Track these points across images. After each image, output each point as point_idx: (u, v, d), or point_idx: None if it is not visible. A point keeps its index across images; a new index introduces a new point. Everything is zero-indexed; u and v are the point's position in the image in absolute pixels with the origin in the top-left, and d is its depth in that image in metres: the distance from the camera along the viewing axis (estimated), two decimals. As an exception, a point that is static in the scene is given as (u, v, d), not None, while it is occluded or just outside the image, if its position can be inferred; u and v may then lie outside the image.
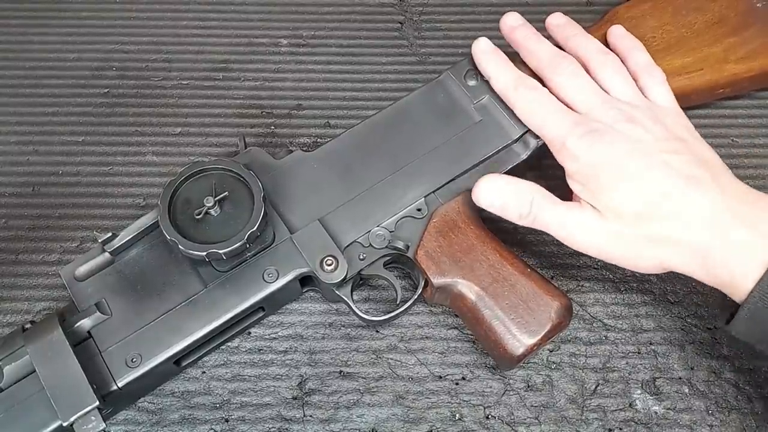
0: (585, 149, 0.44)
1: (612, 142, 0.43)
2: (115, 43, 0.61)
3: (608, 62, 0.47)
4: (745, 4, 0.53)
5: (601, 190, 0.43)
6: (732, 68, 0.52)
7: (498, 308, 0.44)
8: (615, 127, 0.44)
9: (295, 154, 0.49)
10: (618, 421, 0.47)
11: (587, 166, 0.44)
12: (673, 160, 0.43)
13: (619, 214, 0.43)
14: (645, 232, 0.42)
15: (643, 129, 0.44)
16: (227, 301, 0.44)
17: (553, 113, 0.46)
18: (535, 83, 0.47)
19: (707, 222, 0.41)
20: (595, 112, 0.45)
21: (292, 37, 0.61)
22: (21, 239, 0.53)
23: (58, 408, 0.40)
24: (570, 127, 0.45)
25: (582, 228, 0.44)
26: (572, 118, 0.45)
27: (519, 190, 0.45)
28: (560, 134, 0.45)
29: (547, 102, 0.46)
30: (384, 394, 0.48)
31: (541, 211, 0.45)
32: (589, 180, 0.44)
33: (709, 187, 0.42)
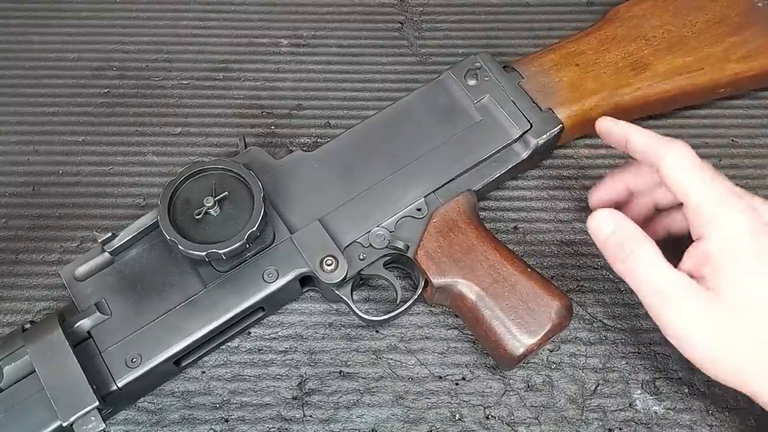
0: (740, 225, 0.39)
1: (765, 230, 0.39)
2: (115, 43, 0.61)
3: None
4: (746, 4, 0.53)
5: (735, 273, 0.38)
6: (733, 67, 0.52)
7: (498, 308, 0.44)
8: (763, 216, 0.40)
9: (295, 154, 0.49)
10: (618, 421, 0.47)
11: (733, 243, 0.39)
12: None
13: (744, 307, 0.38)
14: (750, 332, 0.38)
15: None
16: (227, 301, 0.44)
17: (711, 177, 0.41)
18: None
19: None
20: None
21: (292, 37, 0.61)
22: (21, 239, 0.53)
23: (58, 408, 0.40)
24: (730, 195, 0.40)
25: (679, 304, 0.39)
26: (735, 191, 0.41)
27: (629, 233, 0.41)
28: (716, 199, 0.40)
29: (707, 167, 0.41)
30: (384, 395, 0.48)
31: (640, 265, 0.40)
32: (727, 256, 0.39)
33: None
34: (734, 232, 0.39)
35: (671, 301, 0.39)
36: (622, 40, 0.52)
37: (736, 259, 0.39)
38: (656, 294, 0.40)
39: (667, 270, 0.40)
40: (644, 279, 0.40)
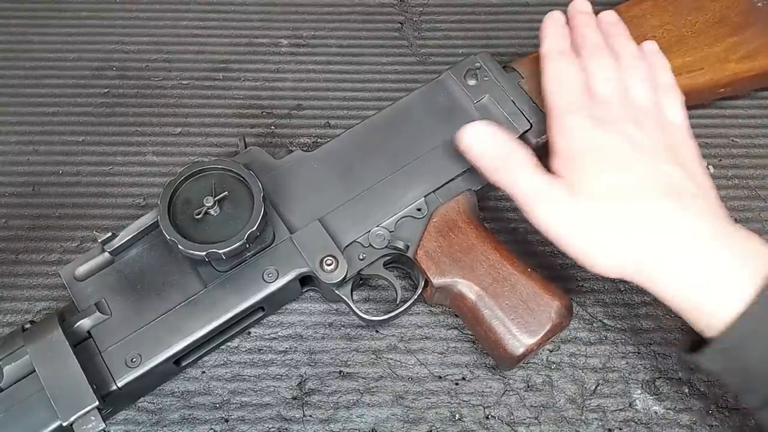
0: (582, 129, 0.44)
1: (610, 134, 0.43)
2: (115, 43, 0.61)
3: (640, 68, 0.47)
4: (746, 4, 0.53)
5: (583, 171, 0.42)
6: (733, 68, 0.52)
7: (498, 308, 0.44)
8: (620, 123, 0.44)
9: (295, 154, 0.49)
10: (618, 421, 0.47)
11: (577, 147, 0.43)
12: (667, 169, 0.42)
13: (595, 196, 0.41)
14: (615, 222, 0.41)
15: (646, 134, 0.44)
16: (227, 301, 0.44)
17: (571, 87, 0.46)
18: (576, 62, 0.47)
19: (685, 237, 0.40)
20: (609, 105, 0.45)
21: (292, 37, 0.61)
22: (21, 239, 0.53)
23: (58, 408, 0.40)
24: (578, 105, 0.45)
25: (548, 202, 0.42)
26: (585, 100, 0.45)
27: (502, 143, 0.45)
28: (565, 107, 0.45)
29: (574, 78, 0.46)
30: (384, 394, 0.48)
31: (515, 171, 0.44)
32: (574, 162, 0.43)
33: (699, 205, 0.41)
34: (577, 130, 0.44)
35: (539, 201, 0.43)
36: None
37: (580, 154, 0.43)
38: (527, 197, 0.43)
39: (535, 174, 0.43)
40: (517, 185, 0.44)
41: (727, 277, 0.39)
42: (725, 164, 0.56)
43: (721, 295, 0.39)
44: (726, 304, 0.38)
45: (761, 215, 0.53)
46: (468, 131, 0.46)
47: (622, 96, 0.46)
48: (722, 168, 0.55)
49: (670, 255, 0.40)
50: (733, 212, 0.53)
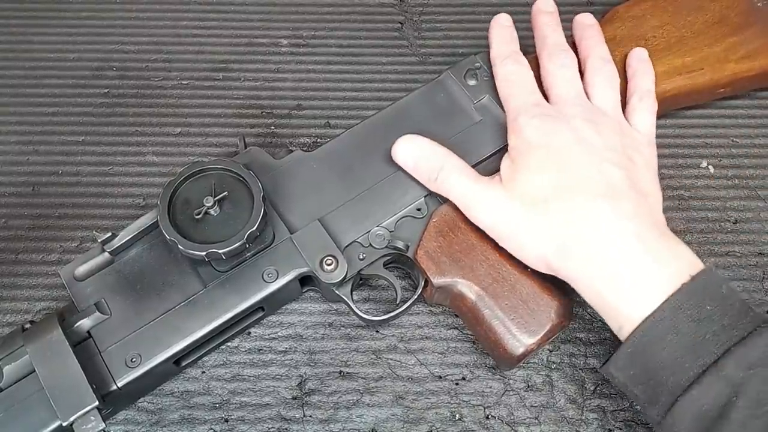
0: (531, 127, 0.45)
1: (560, 131, 0.44)
2: (115, 43, 0.61)
3: (605, 71, 0.48)
4: (746, 4, 0.53)
5: (526, 166, 0.44)
6: (732, 68, 0.52)
7: (498, 308, 0.44)
8: (571, 121, 0.45)
9: (295, 154, 0.49)
10: (618, 421, 0.47)
11: (525, 143, 0.44)
12: (609, 170, 0.42)
13: (526, 193, 0.43)
14: (543, 219, 0.42)
15: (596, 133, 0.44)
16: (227, 301, 0.44)
17: (522, 89, 0.47)
18: (523, 61, 0.49)
19: (610, 238, 0.40)
20: (565, 104, 0.46)
21: (292, 37, 0.61)
22: (21, 239, 0.53)
23: (58, 408, 0.40)
24: (529, 105, 0.46)
25: (483, 203, 0.44)
26: (536, 99, 0.46)
27: (433, 155, 0.46)
28: (517, 108, 0.46)
29: (524, 79, 0.48)
30: (384, 395, 0.48)
31: (449, 178, 0.45)
32: (520, 156, 0.44)
33: (628, 206, 0.41)
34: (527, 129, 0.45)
35: (474, 205, 0.45)
36: (621, 41, 0.52)
37: (526, 152, 0.44)
38: (463, 202, 0.45)
39: (468, 181, 0.45)
40: (452, 193, 0.45)
41: (645, 281, 0.39)
42: (725, 164, 0.56)
43: (636, 298, 0.39)
44: (640, 307, 0.39)
45: (761, 215, 0.53)
46: (399, 146, 0.47)
47: (580, 95, 0.47)
48: (722, 168, 0.55)
49: (595, 255, 0.41)
50: (733, 212, 0.54)
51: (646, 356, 0.38)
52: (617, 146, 0.44)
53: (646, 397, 0.39)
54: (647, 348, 0.38)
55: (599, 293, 0.41)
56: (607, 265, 0.40)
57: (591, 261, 0.41)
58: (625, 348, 0.39)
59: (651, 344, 0.38)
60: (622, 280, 0.40)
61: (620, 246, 0.40)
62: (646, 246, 0.40)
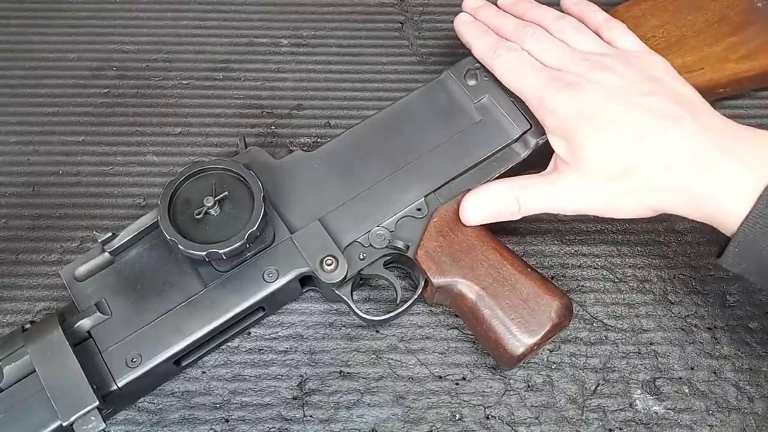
0: (562, 103, 0.44)
1: (588, 92, 0.44)
2: (115, 43, 0.61)
3: (567, 24, 0.48)
4: (746, 3, 0.53)
5: (582, 142, 0.43)
6: (733, 67, 0.52)
7: (498, 308, 0.44)
8: (589, 77, 0.45)
9: (295, 153, 0.49)
10: (618, 421, 0.47)
11: (566, 119, 0.44)
12: (650, 101, 0.43)
13: (601, 166, 0.43)
14: (628, 181, 0.42)
15: (616, 75, 0.44)
16: (227, 301, 0.44)
17: (529, 72, 0.47)
18: (513, 45, 0.48)
19: (689, 159, 0.41)
20: (567, 67, 0.46)
21: (292, 37, 0.61)
22: (21, 239, 0.53)
23: (58, 408, 0.40)
24: (547, 83, 0.45)
25: (569, 196, 0.44)
26: (548, 74, 0.46)
27: (500, 194, 0.46)
28: (537, 91, 0.46)
29: (524, 62, 0.47)
30: (384, 395, 0.48)
31: (529, 201, 0.46)
32: (569, 134, 0.44)
33: (689, 123, 0.42)
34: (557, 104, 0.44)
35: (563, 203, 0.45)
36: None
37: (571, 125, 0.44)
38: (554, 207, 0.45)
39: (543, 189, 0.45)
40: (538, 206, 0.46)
41: (732, 184, 0.40)
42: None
43: (729, 202, 0.40)
44: (735, 208, 0.40)
45: (761, 215, 0.53)
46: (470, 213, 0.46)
47: (573, 54, 0.47)
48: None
49: (682, 181, 0.41)
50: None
51: (755, 249, 0.40)
52: (637, 76, 0.45)
53: (761, 281, 0.41)
54: (754, 241, 0.39)
55: (701, 212, 0.42)
56: (702, 184, 0.41)
57: (688, 188, 0.41)
58: (733, 246, 0.40)
59: (757, 238, 0.39)
60: (715, 191, 0.41)
61: (703, 164, 0.41)
62: (726, 152, 0.41)
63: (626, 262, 0.52)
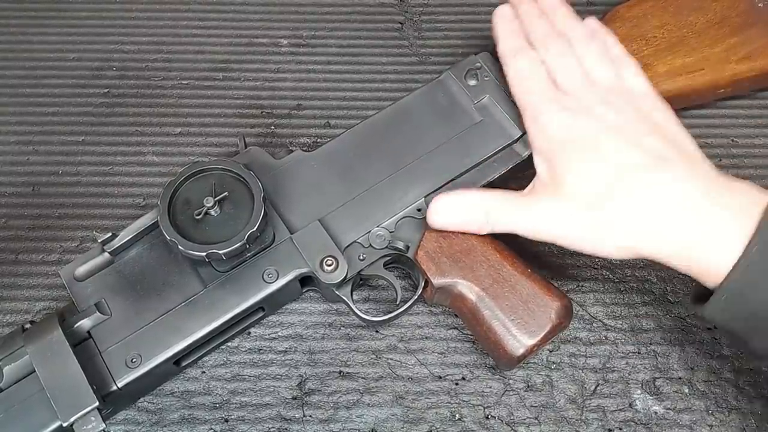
0: (557, 124, 0.44)
1: (585, 121, 0.44)
2: (115, 43, 0.61)
3: (593, 47, 0.48)
4: (746, 4, 0.53)
5: (567, 166, 0.43)
6: (733, 68, 0.52)
7: (498, 309, 0.44)
8: (591, 108, 0.45)
9: (295, 154, 0.49)
10: (618, 421, 0.47)
11: (557, 142, 0.44)
12: (644, 140, 0.43)
13: (581, 193, 0.42)
14: (606, 212, 0.42)
15: (618, 112, 0.44)
16: (227, 301, 0.44)
17: (537, 86, 0.47)
18: (534, 56, 0.48)
19: (679, 204, 0.41)
20: (575, 92, 0.46)
21: (292, 37, 0.61)
22: (21, 239, 0.53)
23: (58, 408, 0.40)
24: (547, 102, 0.45)
25: (542, 221, 0.44)
26: (553, 95, 0.46)
27: (472, 204, 0.45)
28: (537, 106, 0.46)
29: (537, 75, 0.47)
30: (384, 395, 0.48)
31: (499, 219, 0.45)
32: (555, 155, 0.44)
33: (682, 168, 0.42)
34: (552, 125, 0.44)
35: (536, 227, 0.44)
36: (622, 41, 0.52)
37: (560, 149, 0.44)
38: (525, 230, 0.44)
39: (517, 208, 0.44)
40: (508, 225, 0.45)
41: (721, 232, 0.39)
42: (725, 164, 0.56)
43: (718, 249, 0.39)
44: (724, 256, 0.39)
45: (761, 215, 0.53)
46: (436, 214, 0.45)
47: (585, 81, 0.46)
48: (722, 168, 0.55)
49: (666, 226, 0.41)
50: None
51: (743, 297, 0.39)
52: (638, 116, 0.44)
53: (748, 333, 0.40)
54: (743, 290, 0.38)
55: (683, 258, 0.41)
56: (684, 232, 0.40)
57: (668, 235, 0.41)
58: (718, 296, 0.39)
59: (747, 287, 0.38)
60: (702, 238, 0.40)
61: (692, 210, 0.40)
62: (713, 199, 0.40)
63: (626, 262, 0.52)
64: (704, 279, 0.40)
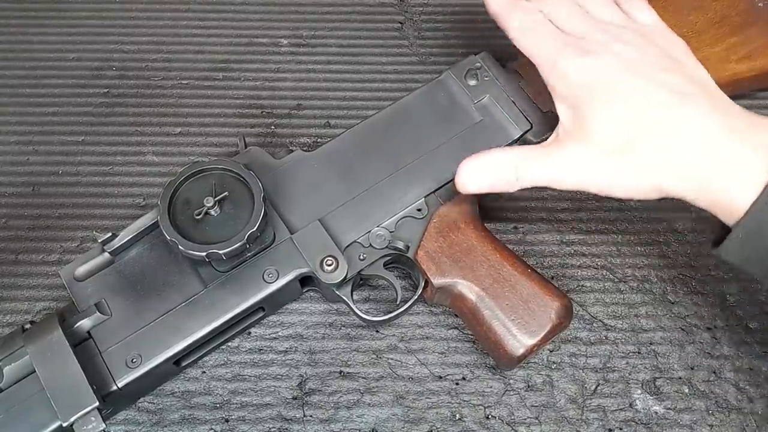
0: (577, 69, 0.43)
1: (605, 62, 0.43)
2: (115, 43, 0.61)
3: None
4: (746, 4, 0.53)
5: (592, 111, 0.42)
6: (733, 68, 0.52)
7: (498, 309, 0.44)
8: (608, 47, 0.44)
9: (295, 154, 0.49)
10: (618, 421, 0.47)
11: (579, 87, 0.43)
12: (666, 77, 0.42)
13: (608, 138, 0.42)
14: (635, 155, 0.41)
15: (634, 49, 0.44)
16: (227, 301, 0.44)
17: (545, 34, 0.45)
18: (531, 6, 0.47)
19: (701, 139, 0.40)
20: (586, 35, 0.45)
21: (292, 37, 0.61)
22: (21, 239, 0.53)
23: (58, 408, 0.40)
24: (562, 47, 0.44)
25: (569, 167, 0.43)
26: (565, 39, 0.45)
27: (499, 162, 0.44)
28: (552, 54, 0.44)
29: (541, 23, 0.46)
30: (384, 394, 0.48)
31: (527, 172, 0.44)
32: (579, 102, 0.43)
33: (703, 104, 0.41)
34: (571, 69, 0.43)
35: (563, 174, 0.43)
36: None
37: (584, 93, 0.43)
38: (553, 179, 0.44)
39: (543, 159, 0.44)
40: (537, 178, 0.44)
41: (742, 168, 0.39)
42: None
43: (738, 186, 0.39)
44: (743, 193, 0.39)
45: (761, 215, 0.53)
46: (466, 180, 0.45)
47: (593, 23, 0.45)
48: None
49: (689, 162, 0.40)
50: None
51: (761, 236, 0.38)
52: (656, 53, 0.44)
53: (763, 272, 0.40)
54: (761, 228, 0.38)
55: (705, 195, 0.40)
56: (705, 169, 0.40)
57: (690, 172, 0.40)
58: (736, 234, 0.39)
59: (763, 224, 0.38)
60: (722, 175, 0.39)
61: (713, 146, 0.40)
62: (734, 135, 0.40)
63: (626, 262, 0.52)
64: (726, 218, 0.40)
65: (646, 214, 0.53)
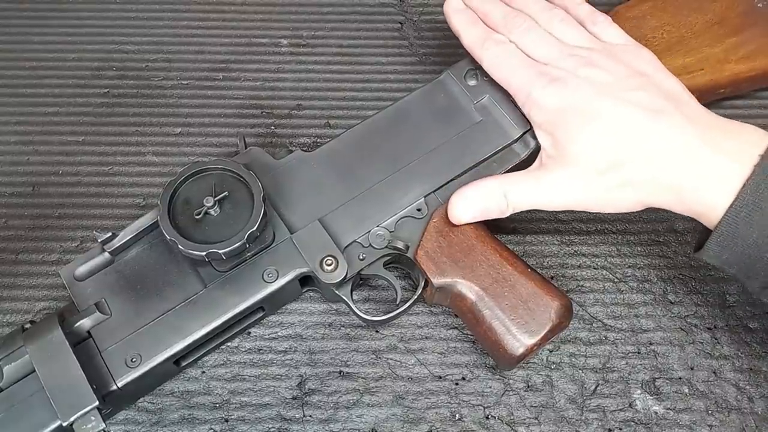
0: (550, 97, 0.45)
1: (576, 88, 0.44)
2: (115, 43, 0.61)
3: (555, 16, 0.48)
4: (746, 5, 0.53)
5: (570, 136, 0.44)
6: (733, 68, 0.52)
7: (498, 308, 0.44)
8: (577, 73, 0.45)
9: (295, 154, 0.49)
10: (618, 421, 0.47)
11: (554, 113, 0.45)
12: (637, 96, 0.43)
13: (589, 161, 0.43)
14: (617, 176, 0.43)
15: (603, 71, 0.45)
16: (227, 301, 0.44)
17: (517, 66, 0.47)
18: (502, 38, 0.48)
19: (676, 153, 0.42)
20: (555, 61, 0.46)
21: (292, 37, 0.61)
22: (21, 239, 0.53)
23: (58, 408, 0.40)
24: (535, 76, 0.46)
25: (555, 191, 0.45)
26: (536, 69, 0.46)
27: (489, 191, 0.46)
28: (525, 85, 0.46)
29: (512, 54, 0.47)
30: (384, 394, 0.48)
31: (517, 197, 0.46)
32: (556, 128, 0.45)
33: (676, 117, 0.42)
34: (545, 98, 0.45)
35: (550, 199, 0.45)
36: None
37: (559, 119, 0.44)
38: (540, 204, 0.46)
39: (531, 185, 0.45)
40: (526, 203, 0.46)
41: (718, 176, 0.41)
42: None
43: (716, 193, 0.41)
44: (720, 200, 0.40)
45: (761, 215, 0.53)
46: (458, 211, 0.46)
47: (562, 48, 0.47)
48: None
49: (667, 175, 0.42)
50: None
51: (737, 240, 0.40)
52: (625, 71, 0.45)
53: (743, 274, 0.41)
54: (736, 232, 0.40)
55: (688, 206, 0.42)
56: (686, 177, 0.42)
57: (675, 181, 0.42)
58: (715, 237, 0.41)
59: (738, 229, 0.40)
60: (705, 184, 0.41)
61: (690, 154, 0.41)
62: (712, 144, 0.41)
63: (626, 262, 0.52)
64: (707, 223, 0.42)
65: (646, 214, 0.53)
